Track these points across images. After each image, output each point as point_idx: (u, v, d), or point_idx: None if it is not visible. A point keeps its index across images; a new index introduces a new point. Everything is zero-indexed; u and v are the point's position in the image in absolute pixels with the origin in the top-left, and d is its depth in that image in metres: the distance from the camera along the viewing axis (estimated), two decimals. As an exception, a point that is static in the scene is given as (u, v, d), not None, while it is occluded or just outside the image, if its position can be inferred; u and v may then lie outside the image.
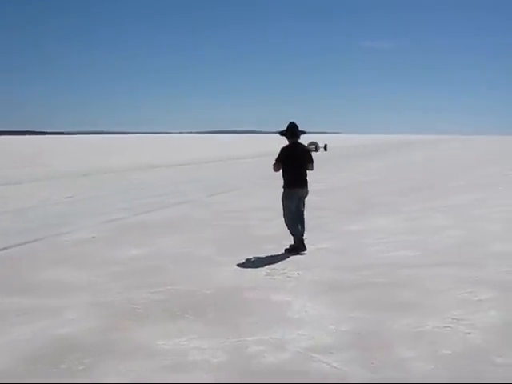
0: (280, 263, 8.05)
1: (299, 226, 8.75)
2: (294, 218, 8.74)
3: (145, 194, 17.09)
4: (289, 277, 7.33)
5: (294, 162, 8.71)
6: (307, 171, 8.86)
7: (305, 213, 8.91)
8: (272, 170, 8.92)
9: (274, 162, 8.81)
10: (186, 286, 6.95)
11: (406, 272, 7.48)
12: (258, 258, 8.41)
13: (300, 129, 8.96)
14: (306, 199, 8.94)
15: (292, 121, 8.95)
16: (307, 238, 8.92)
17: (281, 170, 8.75)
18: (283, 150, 8.83)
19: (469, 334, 5.27)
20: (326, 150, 56.40)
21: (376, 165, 31.81)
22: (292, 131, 8.83)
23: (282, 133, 8.93)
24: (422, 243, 9.34)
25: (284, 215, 8.77)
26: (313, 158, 8.93)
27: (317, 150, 51.82)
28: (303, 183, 8.78)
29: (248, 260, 8.26)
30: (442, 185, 19.41)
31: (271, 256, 8.49)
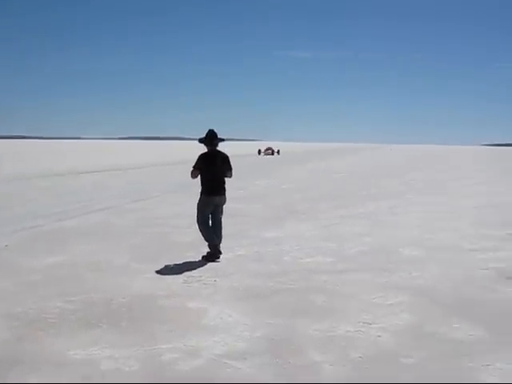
0: (198, 270, 8.04)
1: (214, 234, 8.77)
2: (208, 225, 8.78)
3: (65, 200, 16.63)
4: (205, 284, 7.33)
5: (212, 170, 8.73)
6: (225, 178, 8.92)
7: (224, 220, 8.94)
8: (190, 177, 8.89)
9: (192, 168, 8.77)
10: (102, 294, 6.82)
11: (321, 278, 7.64)
12: (177, 265, 8.36)
13: (219, 136, 8.96)
14: (226, 206, 8.97)
15: (211, 128, 8.95)
16: (225, 244, 8.95)
17: (199, 177, 8.75)
18: (200, 157, 8.83)
19: (379, 337, 5.45)
20: (278, 153, 68.66)
21: (298, 172, 32.26)
22: (210, 138, 8.83)
23: (200, 140, 8.92)
24: (337, 249, 9.56)
25: (197, 221, 8.76)
26: (231, 165, 8.95)
27: (272, 153, 67.76)
28: (221, 191, 8.83)
29: (166, 267, 8.20)
30: (361, 192, 19.91)
31: (190, 263, 8.46)
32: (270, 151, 68.99)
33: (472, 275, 7.89)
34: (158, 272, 7.95)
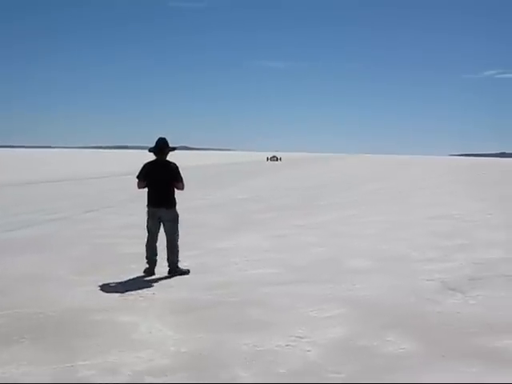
0: (138, 283, 7.84)
1: (154, 251, 8.41)
2: (151, 239, 8.42)
3: (14, 211, 16.23)
4: (142, 297, 7.13)
5: (157, 180, 8.32)
6: (176, 190, 8.41)
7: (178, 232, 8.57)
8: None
9: (136, 179, 8.51)
10: (31, 308, 6.57)
11: (262, 290, 7.50)
12: (118, 277, 8.14)
13: (171, 145, 8.61)
14: (181, 217, 8.59)
15: (161, 137, 8.56)
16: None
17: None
18: (144, 166, 8.50)
19: (309, 351, 5.32)
20: (280, 160, 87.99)
21: (258, 182, 32.09)
22: (160, 148, 8.45)
23: (150, 149, 8.54)
24: (285, 260, 9.44)
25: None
26: (182, 176, 8.43)
27: (276, 160, 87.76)
28: (165, 203, 8.31)
29: (106, 280, 7.97)
30: (317, 202, 19.86)
31: (131, 276, 8.24)
32: (275, 158, 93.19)
33: (416, 286, 7.83)
34: (96, 285, 7.71)
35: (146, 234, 8.46)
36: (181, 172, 8.48)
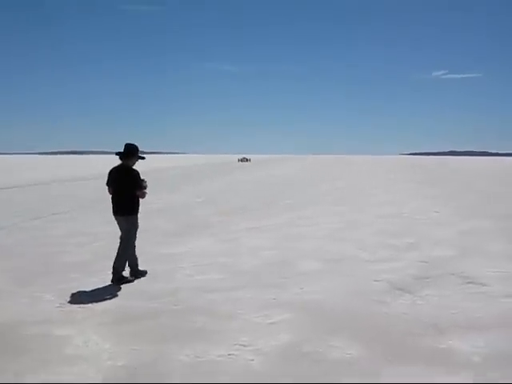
0: (78, 293, 7.54)
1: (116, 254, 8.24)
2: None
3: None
4: (82, 308, 6.84)
5: (117, 186, 8.15)
6: (135, 197, 8.11)
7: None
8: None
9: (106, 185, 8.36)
10: (-39, 323, 6.21)
11: (208, 297, 7.30)
12: (56, 287, 7.82)
13: (140, 152, 8.34)
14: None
15: (130, 143, 8.27)
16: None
17: None
18: (109, 173, 8.32)
19: (252, 360, 5.16)
20: (250, 161, 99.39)
21: (214, 184, 31.85)
22: (126, 154, 8.17)
23: (117, 153, 8.25)
24: (234, 265, 9.26)
25: None
26: (142, 183, 8.10)
27: (247, 160, 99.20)
28: (120, 211, 8.16)
29: (44, 290, 7.66)
30: (270, 204, 19.72)
31: (72, 285, 7.93)
32: (245, 159, 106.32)
33: (364, 288, 7.75)
34: (33, 296, 7.39)
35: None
36: (143, 179, 8.21)
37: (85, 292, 7.59)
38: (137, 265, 8.39)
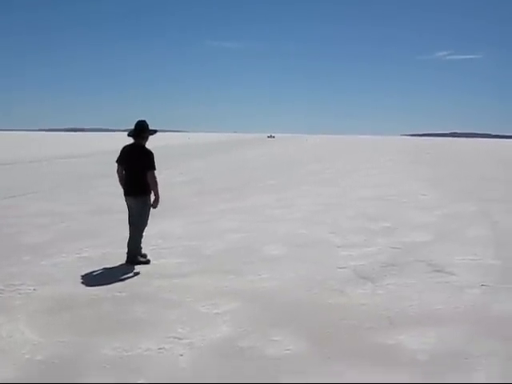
0: (23, 276, 7.17)
1: (129, 237, 7.95)
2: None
3: None
4: (21, 294, 6.48)
5: (129, 166, 7.80)
6: (147, 178, 7.67)
7: (92, 217, 8.00)
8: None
9: (115, 163, 7.99)
10: None
11: (157, 283, 6.94)
12: (5, 271, 7.45)
13: (151, 128, 7.96)
14: (101, 203, 7.97)
15: (141, 119, 7.89)
16: (75, 244, 8.10)
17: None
18: (121, 150, 7.97)
19: (181, 355, 4.81)
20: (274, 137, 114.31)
21: (199, 164, 31.32)
22: (138, 131, 7.80)
23: (129, 133, 7.91)
24: (195, 249, 8.89)
25: None
26: (155, 165, 7.73)
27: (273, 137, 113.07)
28: (133, 191, 7.76)
29: (-9, 274, 7.27)
30: (254, 184, 19.33)
31: (22, 268, 7.58)
32: (272, 136, 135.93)
33: (326, 276, 7.39)
34: (-26, 280, 6.99)
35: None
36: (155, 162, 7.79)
37: (30, 276, 7.22)
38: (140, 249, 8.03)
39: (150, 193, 7.74)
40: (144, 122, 7.90)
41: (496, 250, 9.00)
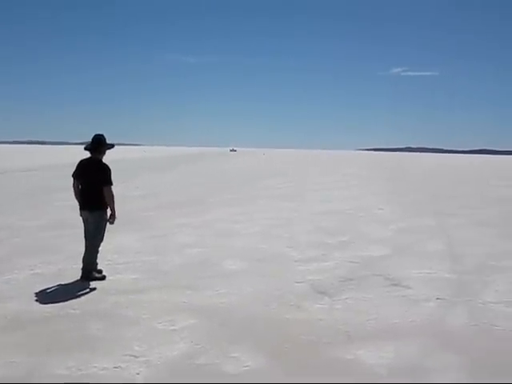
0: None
1: (85, 252, 7.76)
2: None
3: None
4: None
5: (86, 180, 7.68)
6: (103, 192, 7.54)
7: (47, 233, 7.78)
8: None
9: (71, 177, 7.86)
10: None
11: (114, 299, 6.81)
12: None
13: (108, 142, 7.88)
14: (52, 218, 7.79)
15: (98, 134, 7.81)
16: (28, 261, 7.87)
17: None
18: (77, 165, 7.85)
19: (138, 374, 4.72)
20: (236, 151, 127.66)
21: (156, 177, 31.07)
22: (95, 145, 7.71)
23: (86, 147, 7.81)
24: (152, 264, 8.77)
25: None
26: (111, 179, 7.64)
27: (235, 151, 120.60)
28: (91, 205, 7.61)
29: None
30: (210, 199, 19.18)
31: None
32: (233, 150, 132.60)
33: (284, 290, 7.37)
34: None
35: None
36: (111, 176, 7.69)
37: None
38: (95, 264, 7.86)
39: (107, 208, 7.62)
40: (101, 136, 7.82)
41: (451, 263, 9.14)
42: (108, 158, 7.97)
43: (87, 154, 7.88)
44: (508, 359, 5.16)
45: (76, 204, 7.88)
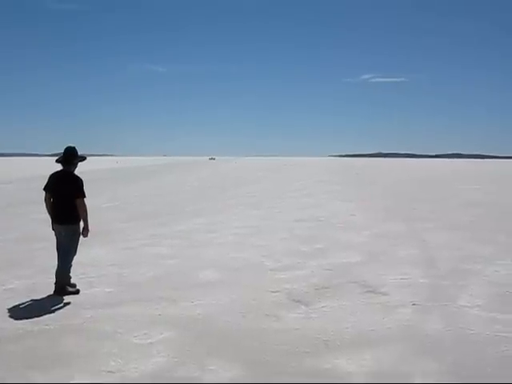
0: None
1: (58, 266, 7.63)
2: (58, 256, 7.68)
3: None
4: None
5: (58, 193, 7.55)
6: (76, 205, 7.45)
7: (15, 246, 7.61)
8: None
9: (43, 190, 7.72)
10: None
11: (88, 314, 6.70)
12: None
13: (80, 154, 7.80)
14: (22, 230, 7.66)
15: (70, 146, 7.71)
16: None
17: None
18: (49, 177, 7.74)
19: (112, 390, 4.60)
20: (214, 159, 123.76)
21: (132, 188, 30.85)
22: (66, 157, 7.62)
23: (57, 160, 7.70)
24: (126, 276, 8.68)
25: None
26: (84, 192, 7.56)
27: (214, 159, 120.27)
28: (63, 219, 7.49)
29: None
30: (184, 208, 19.11)
31: None
32: (212, 158, 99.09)
33: (259, 300, 7.34)
34: None
35: None
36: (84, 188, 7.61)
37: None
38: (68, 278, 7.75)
39: (80, 221, 7.52)
40: (73, 148, 7.76)
41: (425, 268, 9.21)
42: (79, 169, 7.88)
43: (58, 166, 7.79)
44: (484, 363, 5.19)
45: (48, 217, 7.76)
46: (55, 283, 7.57)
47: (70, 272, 7.71)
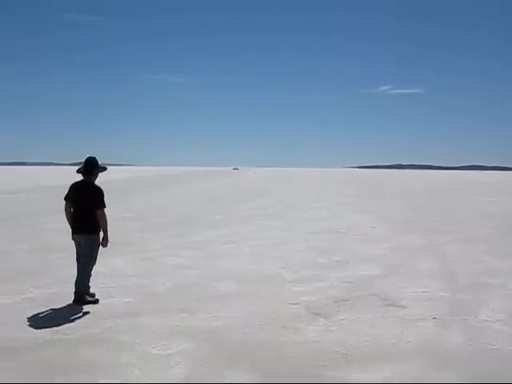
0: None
1: (77, 276, 7.65)
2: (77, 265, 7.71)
3: None
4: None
5: (78, 203, 7.59)
6: (97, 215, 7.51)
7: (33, 255, 7.69)
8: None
9: (64, 200, 7.77)
10: None
11: (107, 324, 6.71)
12: None
13: (100, 164, 7.86)
14: (42, 241, 7.72)
15: (90, 156, 7.77)
16: (19, 285, 7.76)
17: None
18: (69, 187, 7.79)
19: (132, 401, 4.59)
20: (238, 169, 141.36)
21: (145, 198, 30.92)
22: (87, 168, 7.68)
23: (78, 170, 7.80)
24: (145, 287, 8.69)
25: None
26: (104, 202, 7.61)
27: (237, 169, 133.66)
28: (83, 229, 7.53)
29: None
30: (198, 220, 19.07)
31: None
32: (236, 168, 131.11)
33: (278, 312, 7.30)
34: None
35: None
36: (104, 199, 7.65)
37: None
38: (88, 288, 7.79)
39: (100, 231, 7.56)
40: (94, 158, 7.80)
41: (445, 281, 9.12)
42: (99, 179, 7.93)
43: (76, 176, 7.86)
44: (506, 379, 5.11)
45: (66, 226, 7.81)
46: (74, 293, 7.60)
47: (89, 282, 7.74)
